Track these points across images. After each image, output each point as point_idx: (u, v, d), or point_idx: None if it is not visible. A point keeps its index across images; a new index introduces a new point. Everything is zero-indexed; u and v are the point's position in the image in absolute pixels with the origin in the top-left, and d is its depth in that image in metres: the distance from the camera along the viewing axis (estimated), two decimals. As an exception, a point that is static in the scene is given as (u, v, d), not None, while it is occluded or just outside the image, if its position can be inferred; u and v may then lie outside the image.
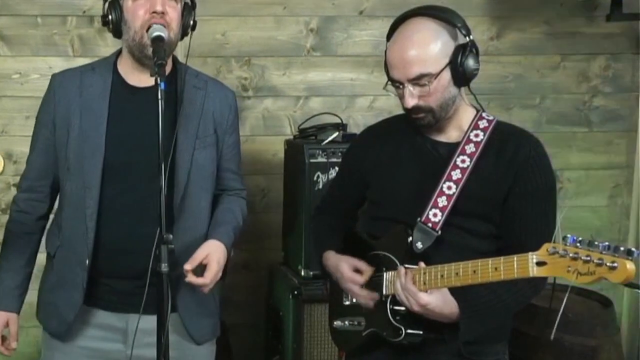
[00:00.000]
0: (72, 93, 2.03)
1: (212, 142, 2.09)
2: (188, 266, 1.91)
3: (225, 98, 2.12)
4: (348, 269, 1.97)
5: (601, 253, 1.46)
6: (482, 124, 1.88)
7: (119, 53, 2.07)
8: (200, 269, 1.93)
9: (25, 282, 2.12)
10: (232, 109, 2.14)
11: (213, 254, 1.96)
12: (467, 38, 1.81)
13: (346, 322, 2.02)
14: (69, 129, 2.02)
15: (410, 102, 1.80)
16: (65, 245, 2.05)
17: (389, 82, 1.88)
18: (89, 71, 2.08)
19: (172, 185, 1.98)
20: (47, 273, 2.12)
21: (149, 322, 1.77)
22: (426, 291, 1.75)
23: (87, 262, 1.98)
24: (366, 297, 1.94)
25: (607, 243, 1.46)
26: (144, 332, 1.90)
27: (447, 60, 1.78)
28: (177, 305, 2.02)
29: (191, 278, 1.93)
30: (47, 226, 2.19)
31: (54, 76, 2.10)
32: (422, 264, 1.78)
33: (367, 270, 1.95)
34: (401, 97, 1.84)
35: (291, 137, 3.04)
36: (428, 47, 1.78)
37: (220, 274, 1.97)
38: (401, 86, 1.81)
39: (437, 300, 1.74)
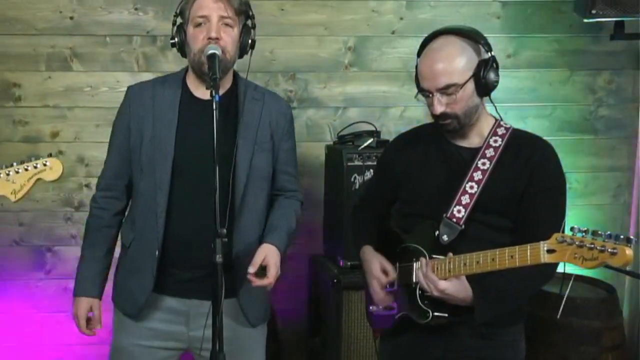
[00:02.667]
0: (146, 103, 2.09)
1: (268, 147, 2.12)
2: (251, 269, 1.96)
3: (280, 108, 2.16)
4: (377, 268, 2.02)
5: (603, 241, 1.50)
6: (501, 131, 1.93)
7: (187, 69, 2.12)
8: (260, 269, 1.99)
9: (105, 271, 2.18)
10: (287, 118, 2.17)
11: (270, 256, 2.00)
12: (489, 54, 1.86)
13: (380, 307, 2.05)
14: (142, 135, 2.07)
15: (439, 109, 1.85)
16: (138, 237, 2.09)
17: (420, 92, 1.92)
18: (160, 84, 2.14)
19: (233, 186, 2.02)
20: (122, 261, 2.17)
21: (208, 306, 1.81)
22: (445, 279, 1.80)
23: (157, 252, 2.03)
24: (381, 299, 2.02)
25: (608, 232, 1.51)
26: (203, 315, 1.97)
27: (471, 73, 1.83)
28: (236, 292, 2.06)
29: (256, 282, 1.97)
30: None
31: (129, 88, 2.16)
32: (450, 254, 1.82)
33: (393, 275, 2.00)
34: (430, 105, 1.89)
35: (331, 143, 3.13)
36: (455, 60, 1.83)
37: (278, 273, 2.01)
38: (431, 95, 1.86)
39: (454, 287, 1.80)
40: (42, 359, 3.20)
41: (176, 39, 2.05)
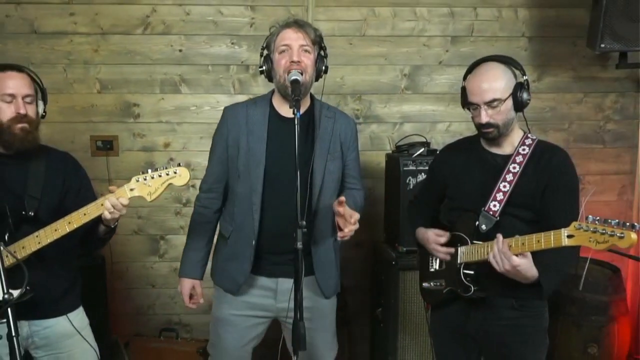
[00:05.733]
0: (241, 121, 2.22)
1: (338, 156, 2.27)
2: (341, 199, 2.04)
3: (348, 124, 2.31)
4: (433, 235, 2.19)
5: (613, 227, 1.62)
6: (528, 141, 2.08)
7: (273, 91, 2.27)
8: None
9: (205, 257, 2.35)
10: (353, 132, 2.32)
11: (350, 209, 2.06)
12: (524, 77, 2.04)
13: (431, 283, 2.23)
14: (239, 147, 2.21)
15: (484, 118, 2.00)
16: (237, 230, 2.26)
17: (467, 106, 2.08)
18: (252, 105, 2.27)
19: (311, 187, 2.17)
20: (221, 249, 2.34)
21: (292, 283, 1.95)
22: (518, 255, 1.85)
23: (253, 242, 2.20)
24: (444, 252, 2.15)
25: (617, 220, 1.64)
26: (287, 291, 2.14)
27: (510, 92, 2.00)
28: (314, 271, 2.24)
29: (342, 208, 2.03)
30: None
31: (225, 108, 2.29)
32: (499, 236, 1.89)
33: (446, 234, 2.16)
34: (476, 116, 2.04)
35: (390, 152, 3.37)
36: (498, 80, 2.00)
37: (357, 218, 2.06)
38: (478, 107, 2.02)
39: (526, 264, 1.85)
40: (157, 325, 3.51)
41: (264, 67, 2.21)
